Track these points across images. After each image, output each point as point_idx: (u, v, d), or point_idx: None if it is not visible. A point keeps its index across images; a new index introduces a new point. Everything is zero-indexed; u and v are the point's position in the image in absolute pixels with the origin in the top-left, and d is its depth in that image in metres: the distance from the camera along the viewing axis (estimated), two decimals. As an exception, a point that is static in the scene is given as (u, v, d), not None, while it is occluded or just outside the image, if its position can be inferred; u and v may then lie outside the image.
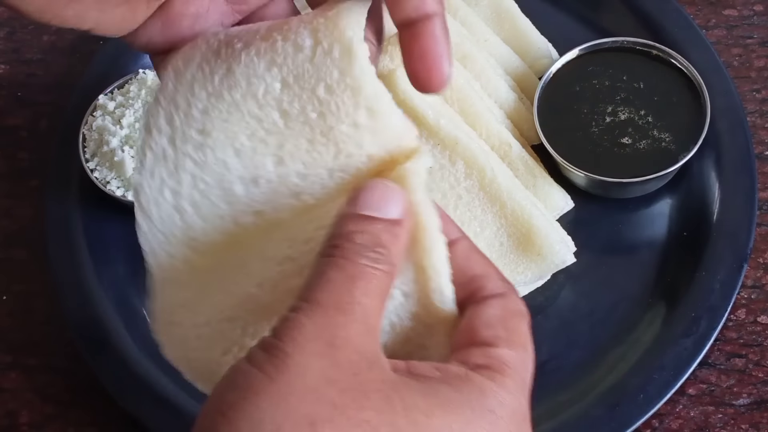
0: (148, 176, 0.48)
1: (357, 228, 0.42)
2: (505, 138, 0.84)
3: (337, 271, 0.41)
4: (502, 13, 0.92)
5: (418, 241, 0.44)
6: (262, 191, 0.47)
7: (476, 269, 0.46)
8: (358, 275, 0.41)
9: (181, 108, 0.48)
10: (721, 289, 0.77)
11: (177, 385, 0.78)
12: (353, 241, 0.42)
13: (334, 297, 0.40)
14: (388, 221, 0.43)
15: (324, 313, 0.40)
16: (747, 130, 0.84)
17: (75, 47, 1.00)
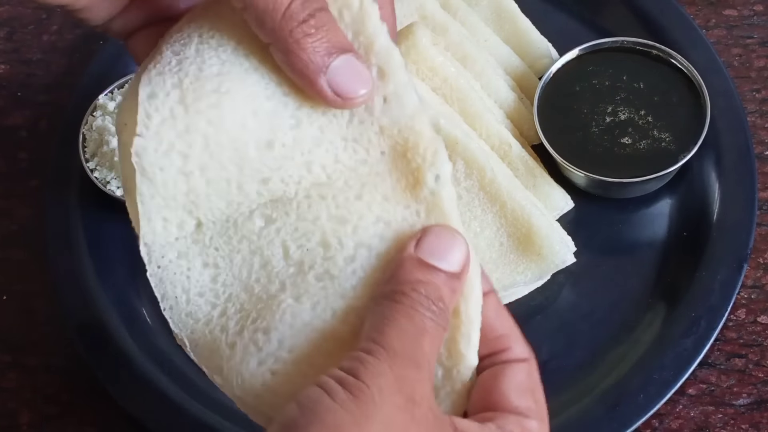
0: (153, 139, 0.48)
1: (422, 278, 0.44)
2: (505, 138, 0.84)
3: (407, 320, 0.43)
4: (502, 13, 0.92)
5: None
6: (275, 156, 0.48)
7: (504, 328, 0.48)
8: (426, 330, 0.43)
9: (190, 74, 0.48)
10: (721, 289, 0.77)
11: (177, 385, 0.78)
12: (419, 292, 0.44)
13: (409, 349, 0.42)
14: (450, 274, 0.45)
15: (403, 366, 0.41)
16: (747, 130, 0.84)
17: (75, 47, 1.00)
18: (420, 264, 0.45)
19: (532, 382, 0.47)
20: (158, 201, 0.50)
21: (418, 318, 0.43)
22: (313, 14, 0.45)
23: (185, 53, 0.50)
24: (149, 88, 0.49)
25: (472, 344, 0.46)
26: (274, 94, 0.48)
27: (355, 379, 0.40)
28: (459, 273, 0.45)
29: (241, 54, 0.48)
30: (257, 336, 0.47)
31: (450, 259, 0.45)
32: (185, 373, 0.79)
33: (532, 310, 0.80)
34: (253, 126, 0.48)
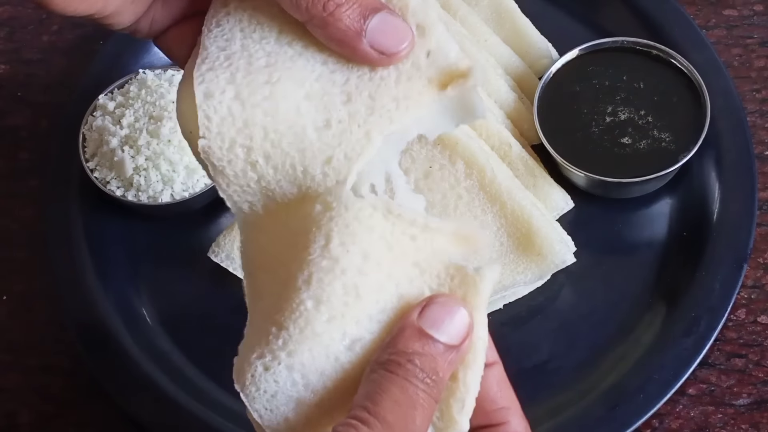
0: (216, 139, 0.49)
1: (420, 349, 0.45)
2: (505, 138, 0.84)
3: (401, 392, 0.44)
4: (502, 13, 0.92)
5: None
6: (334, 134, 0.49)
7: (504, 400, 0.49)
8: (419, 402, 0.44)
9: (240, 69, 0.49)
10: (721, 289, 0.77)
11: (177, 385, 0.78)
12: (414, 364, 0.44)
13: (401, 422, 0.43)
14: (447, 346, 0.46)
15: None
16: (747, 130, 0.84)
17: (75, 47, 0.99)
18: (420, 334, 0.45)
19: None
20: (236, 188, 0.52)
21: (411, 390, 0.44)
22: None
23: (231, 48, 0.52)
24: (204, 86, 0.50)
25: (465, 410, 0.47)
26: (321, 74, 0.49)
27: None
28: (457, 345, 0.46)
29: (284, 42, 0.50)
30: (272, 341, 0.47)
31: (450, 332, 0.46)
32: (185, 373, 0.79)
33: (532, 310, 0.80)
34: (308, 109, 0.49)
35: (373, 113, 0.48)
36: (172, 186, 0.83)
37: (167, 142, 0.83)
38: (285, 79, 0.49)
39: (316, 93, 0.49)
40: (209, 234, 0.85)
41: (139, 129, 0.83)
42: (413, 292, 0.47)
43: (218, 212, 0.87)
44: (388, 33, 0.48)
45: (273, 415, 0.47)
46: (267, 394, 0.47)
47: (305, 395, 0.46)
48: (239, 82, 0.50)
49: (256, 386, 0.47)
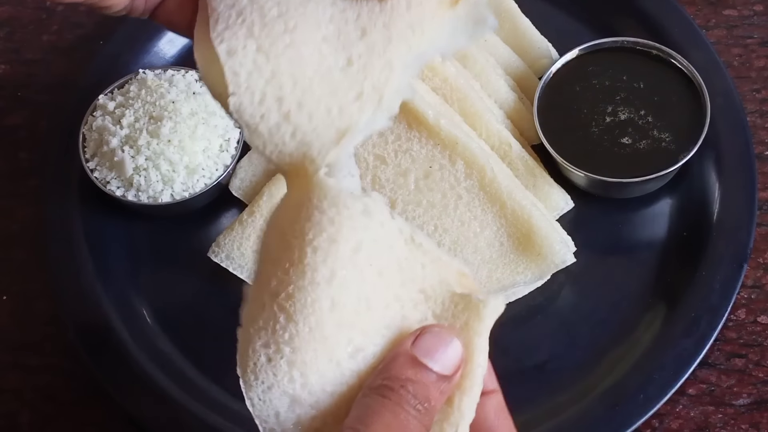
0: (246, 94, 0.49)
1: (413, 376, 0.45)
2: (505, 138, 0.84)
3: (392, 416, 0.44)
4: (502, 13, 0.92)
5: (462, 378, 0.47)
6: (358, 69, 0.49)
7: (502, 429, 0.49)
8: (409, 428, 0.44)
9: (256, 22, 0.50)
10: (721, 289, 0.77)
11: (177, 385, 0.78)
12: (407, 390, 0.45)
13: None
14: (440, 376, 0.46)
15: None
16: (747, 130, 0.84)
17: (75, 47, 1.00)
18: (413, 362, 0.46)
19: None
20: (272, 148, 0.51)
21: (402, 415, 0.44)
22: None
23: (240, 4, 0.52)
24: (224, 45, 0.51)
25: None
26: (333, 15, 0.50)
27: None
28: (450, 376, 0.46)
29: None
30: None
31: (443, 362, 0.46)
32: (185, 373, 0.79)
33: (532, 310, 0.80)
34: (328, 51, 0.49)
35: (391, 42, 0.49)
36: (172, 186, 0.83)
37: (167, 142, 0.83)
38: (301, 24, 0.50)
39: (332, 33, 0.50)
40: (209, 234, 0.85)
41: (139, 129, 0.83)
42: (417, 316, 0.48)
43: (218, 212, 0.87)
44: None
45: (265, 406, 0.47)
46: (263, 385, 0.47)
47: (300, 394, 0.47)
48: (258, 35, 0.51)
49: (255, 375, 0.47)
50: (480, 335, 0.47)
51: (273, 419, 0.47)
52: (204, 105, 0.85)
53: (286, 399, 0.47)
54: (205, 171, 0.84)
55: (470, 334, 0.47)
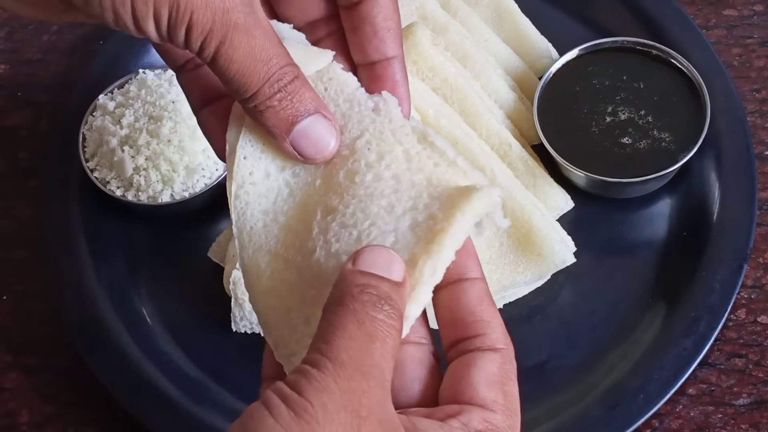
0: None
1: (368, 282, 0.43)
2: (505, 138, 0.84)
3: (356, 326, 0.41)
4: (502, 13, 0.92)
5: (430, 243, 0.46)
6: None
7: (484, 314, 0.47)
8: (376, 334, 0.42)
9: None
10: (721, 289, 0.77)
11: (177, 385, 0.78)
12: (369, 293, 0.42)
13: (357, 359, 0.41)
14: (394, 282, 0.44)
15: (349, 377, 0.40)
16: (747, 130, 0.84)
17: (75, 47, 0.99)
18: (362, 273, 0.44)
19: (503, 374, 0.46)
20: (246, 324, 0.59)
21: (368, 322, 0.42)
22: (281, 89, 0.48)
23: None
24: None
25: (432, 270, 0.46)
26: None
27: (300, 397, 0.39)
28: (401, 283, 0.44)
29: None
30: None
31: (390, 271, 0.44)
32: (185, 373, 0.79)
33: (532, 310, 0.80)
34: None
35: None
36: (172, 186, 0.83)
37: (167, 142, 0.82)
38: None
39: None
40: (209, 234, 0.85)
41: (139, 129, 0.83)
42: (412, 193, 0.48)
43: (218, 212, 0.87)
44: (311, 140, 0.49)
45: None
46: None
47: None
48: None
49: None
50: (463, 213, 0.46)
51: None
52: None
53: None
54: (205, 171, 0.84)
55: (453, 210, 0.46)
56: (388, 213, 0.47)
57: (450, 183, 0.47)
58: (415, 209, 0.47)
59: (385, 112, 0.50)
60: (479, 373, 0.45)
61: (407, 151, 0.49)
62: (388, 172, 0.48)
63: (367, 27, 0.51)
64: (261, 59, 0.47)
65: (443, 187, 0.47)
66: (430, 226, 0.46)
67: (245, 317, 0.77)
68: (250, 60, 0.47)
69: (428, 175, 0.48)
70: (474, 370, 0.45)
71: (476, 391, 0.45)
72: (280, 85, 0.48)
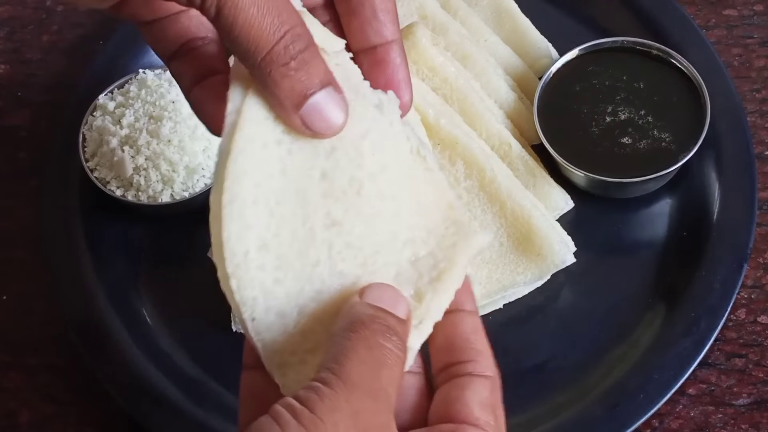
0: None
1: (377, 314, 0.45)
2: (505, 138, 0.84)
3: (367, 351, 0.43)
4: (502, 13, 0.92)
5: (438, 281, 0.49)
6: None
7: (477, 344, 0.49)
8: (384, 361, 0.43)
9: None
10: (721, 289, 0.77)
11: (177, 385, 0.78)
12: (379, 322, 0.44)
13: (367, 381, 0.42)
14: (398, 318, 0.46)
15: (360, 398, 0.42)
16: (747, 130, 0.84)
17: (75, 47, 1.00)
18: (370, 306, 0.45)
19: (495, 400, 0.48)
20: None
21: (377, 349, 0.43)
22: (294, 56, 0.45)
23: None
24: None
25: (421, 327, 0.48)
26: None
27: (311, 414, 0.40)
28: (404, 320, 0.46)
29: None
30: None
31: (396, 308, 0.46)
32: (185, 373, 0.79)
33: (532, 310, 0.80)
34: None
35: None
36: (172, 186, 0.83)
37: (167, 142, 0.83)
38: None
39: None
40: (209, 234, 0.85)
41: (139, 129, 0.83)
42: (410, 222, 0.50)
43: (218, 212, 0.86)
44: (321, 114, 0.47)
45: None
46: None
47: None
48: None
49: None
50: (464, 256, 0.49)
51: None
52: (204, 105, 0.85)
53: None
54: (205, 171, 0.84)
55: (455, 252, 0.49)
56: (391, 243, 0.49)
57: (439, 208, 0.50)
58: (414, 242, 0.49)
59: (387, 111, 0.49)
60: (473, 395, 0.47)
61: (404, 163, 0.49)
62: (389, 190, 0.49)
63: (367, 9, 0.50)
64: (272, 14, 0.44)
65: (435, 215, 0.50)
66: (431, 264, 0.49)
67: None
68: (260, 14, 0.44)
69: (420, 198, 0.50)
70: (468, 392, 0.47)
71: (471, 411, 0.46)
72: (294, 51, 0.45)
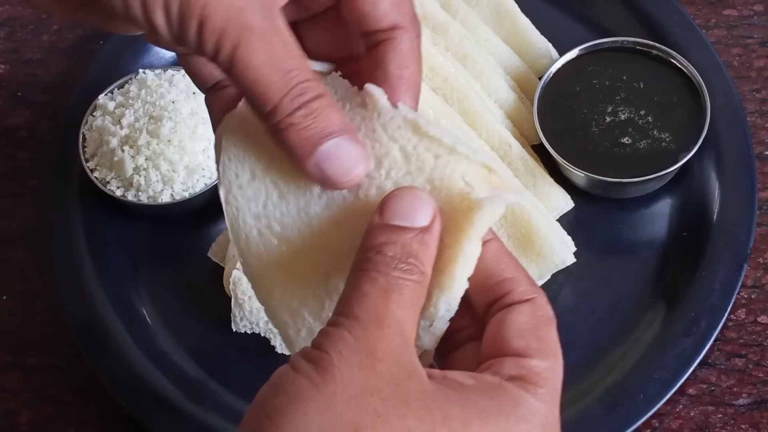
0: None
1: (387, 239, 0.44)
2: (505, 138, 0.84)
3: (370, 284, 0.42)
4: (502, 13, 0.92)
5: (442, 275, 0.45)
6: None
7: (506, 272, 0.47)
8: (391, 288, 0.42)
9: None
10: (721, 289, 0.77)
11: (176, 385, 0.78)
12: (384, 254, 0.43)
13: (371, 311, 0.42)
14: (418, 229, 0.44)
15: (363, 327, 0.42)
16: (747, 130, 0.84)
17: (75, 47, 0.99)
18: (384, 228, 0.44)
19: (536, 320, 0.46)
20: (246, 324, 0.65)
21: (382, 279, 0.42)
22: (302, 106, 0.45)
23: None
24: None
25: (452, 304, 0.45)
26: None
27: (318, 350, 0.41)
28: (428, 226, 0.44)
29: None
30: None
31: (415, 217, 0.44)
32: (185, 373, 0.79)
33: (532, 310, 0.80)
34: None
35: None
36: (172, 186, 0.83)
37: (167, 142, 0.82)
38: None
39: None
40: (209, 234, 0.85)
41: (139, 129, 0.83)
42: None
43: (218, 212, 0.86)
44: (338, 162, 0.45)
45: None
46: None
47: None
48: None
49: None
50: (469, 239, 0.44)
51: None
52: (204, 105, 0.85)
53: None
54: (205, 171, 0.84)
55: (459, 236, 0.45)
56: None
57: (453, 182, 0.45)
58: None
59: (371, 105, 0.47)
60: (510, 326, 0.45)
61: (403, 148, 0.46)
62: (389, 182, 0.46)
63: (379, 72, 0.48)
64: (279, 68, 0.44)
65: (446, 192, 0.45)
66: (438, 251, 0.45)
67: (245, 317, 0.77)
68: (268, 68, 0.44)
69: (429, 176, 0.46)
70: (505, 326, 0.45)
71: (508, 344, 0.45)
72: (302, 101, 0.45)
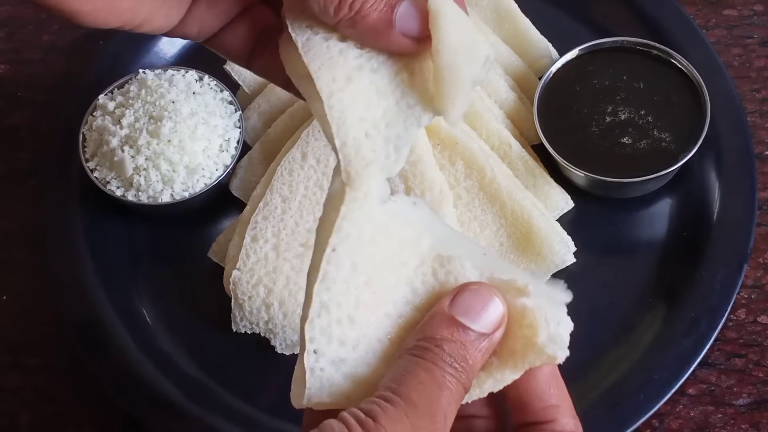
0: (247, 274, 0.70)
1: (450, 336, 0.45)
2: (505, 138, 0.84)
3: (427, 374, 0.44)
4: (502, 13, 0.92)
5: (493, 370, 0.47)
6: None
7: (553, 399, 0.49)
8: (444, 384, 0.44)
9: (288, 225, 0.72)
10: (721, 289, 0.77)
11: (176, 385, 0.78)
12: (442, 349, 0.44)
13: (426, 402, 0.43)
14: (479, 334, 0.45)
15: (419, 417, 0.43)
16: (747, 130, 0.84)
17: (75, 47, 0.99)
18: (449, 321, 0.45)
19: None
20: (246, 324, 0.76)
21: (438, 373, 0.44)
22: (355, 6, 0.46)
23: (290, 204, 0.75)
24: (253, 232, 0.75)
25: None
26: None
27: (374, 422, 0.41)
28: (489, 334, 0.46)
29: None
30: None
31: (483, 320, 0.45)
32: (185, 373, 0.79)
33: (532, 310, 0.80)
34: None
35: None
36: (172, 186, 0.83)
37: (167, 142, 0.82)
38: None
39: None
40: (209, 234, 0.85)
41: (139, 129, 0.83)
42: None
43: (218, 212, 0.87)
44: (415, 17, 0.47)
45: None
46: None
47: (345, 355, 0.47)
48: (282, 238, 0.73)
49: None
50: (515, 370, 0.47)
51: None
52: (204, 105, 0.85)
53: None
54: (205, 171, 0.84)
55: (507, 359, 0.47)
56: None
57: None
58: None
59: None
60: None
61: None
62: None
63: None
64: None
65: (515, 308, 0.47)
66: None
67: (245, 317, 0.77)
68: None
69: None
70: None
71: None
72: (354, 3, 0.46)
